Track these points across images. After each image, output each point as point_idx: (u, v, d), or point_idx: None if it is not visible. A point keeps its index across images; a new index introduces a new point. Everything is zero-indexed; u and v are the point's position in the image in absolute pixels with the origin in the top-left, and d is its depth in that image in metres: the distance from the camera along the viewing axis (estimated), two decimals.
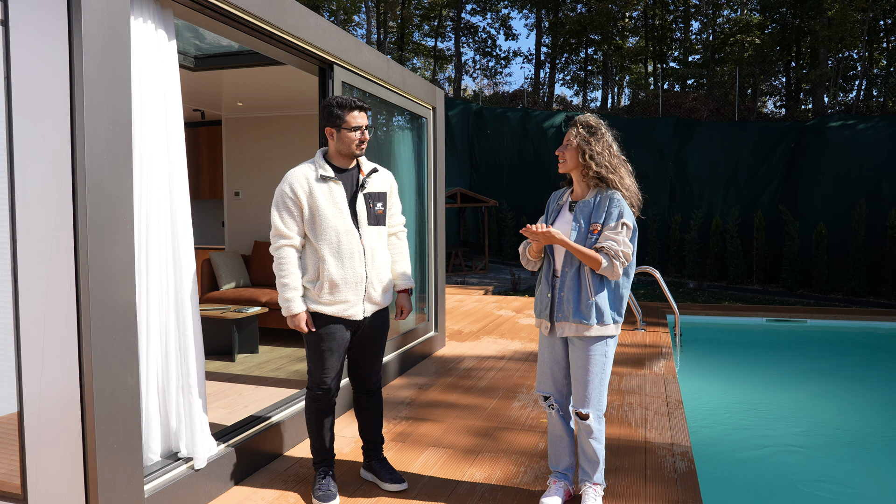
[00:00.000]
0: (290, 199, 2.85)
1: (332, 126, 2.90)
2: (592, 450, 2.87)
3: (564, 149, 2.84)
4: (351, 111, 2.88)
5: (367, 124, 2.93)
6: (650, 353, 6.21)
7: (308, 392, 3.04)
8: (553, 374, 2.94)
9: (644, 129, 16.71)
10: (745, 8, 23.60)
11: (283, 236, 2.87)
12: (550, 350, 2.93)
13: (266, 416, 3.57)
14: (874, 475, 4.24)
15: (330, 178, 2.88)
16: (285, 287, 2.86)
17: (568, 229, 2.79)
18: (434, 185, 6.10)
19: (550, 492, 2.97)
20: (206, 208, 8.18)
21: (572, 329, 2.77)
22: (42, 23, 2.32)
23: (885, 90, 18.12)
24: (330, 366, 2.96)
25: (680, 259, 15.40)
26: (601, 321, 2.73)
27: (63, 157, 2.33)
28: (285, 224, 2.86)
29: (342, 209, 2.88)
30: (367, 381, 3.16)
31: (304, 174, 2.88)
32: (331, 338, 2.93)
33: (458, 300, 9.99)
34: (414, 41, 31.26)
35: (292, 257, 2.87)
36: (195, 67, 5.12)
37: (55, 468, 2.39)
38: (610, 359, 2.81)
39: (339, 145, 2.92)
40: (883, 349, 7.96)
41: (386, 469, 3.18)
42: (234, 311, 5.50)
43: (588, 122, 2.82)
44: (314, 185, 2.86)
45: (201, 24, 3.18)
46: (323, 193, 2.86)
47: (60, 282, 2.35)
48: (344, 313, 2.90)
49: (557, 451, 3.03)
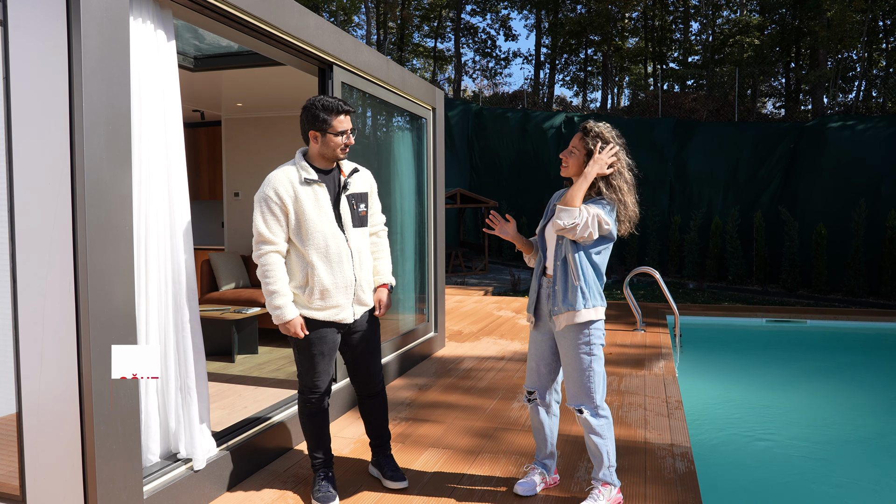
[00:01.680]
0: (276, 205, 2.77)
1: (317, 130, 2.82)
2: (594, 444, 2.88)
3: (569, 155, 2.83)
4: (337, 115, 2.81)
5: (352, 128, 2.88)
6: (650, 354, 6.21)
7: (300, 396, 3.02)
8: (538, 369, 3.02)
9: (644, 129, 16.70)
10: (744, 9, 23.62)
11: (267, 242, 2.79)
12: (536, 345, 3.01)
13: (265, 417, 3.56)
14: (873, 475, 4.24)
15: (314, 181, 2.82)
16: (274, 294, 2.79)
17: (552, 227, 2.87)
18: (434, 185, 6.10)
19: (524, 479, 3.11)
20: (206, 209, 8.18)
21: (566, 318, 2.81)
22: (41, 23, 2.32)
23: (884, 91, 18.14)
24: (321, 369, 2.95)
25: (680, 260, 15.40)
26: (587, 303, 2.77)
27: (62, 157, 2.33)
28: (270, 230, 2.78)
29: (328, 213, 2.83)
30: (369, 384, 3.13)
31: (288, 178, 2.80)
32: (322, 341, 2.91)
33: (457, 301, 9.98)
34: (414, 42, 31.27)
35: (278, 263, 2.81)
36: (195, 68, 5.11)
37: (54, 469, 2.39)
38: (597, 355, 2.83)
39: (324, 149, 2.85)
40: (882, 349, 7.96)
41: (390, 466, 3.19)
42: (234, 312, 5.49)
43: (602, 135, 2.78)
44: (299, 188, 2.79)
45: (200, 25, 3.18)
46: (308, 197, 2.80)
47: (59, 282, 2.34)
48: (335, 317, 2.89)
49: (537, 441, 3.15)
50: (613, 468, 2.93)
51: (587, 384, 2.82)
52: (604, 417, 2.87)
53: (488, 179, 19.81)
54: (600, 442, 2.87)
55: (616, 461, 2.96)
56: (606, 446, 2.88)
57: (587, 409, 2.85)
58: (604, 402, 2.89)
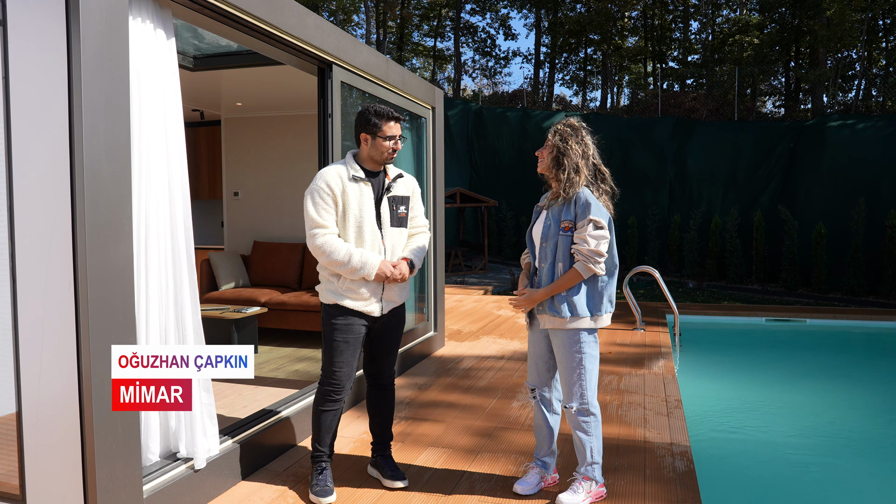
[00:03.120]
0: (327, 194, 2.92)
1: (368, 133, 3.00)
2: (579, 440, 2.95)
3: (543, 148, 2.96)
4: (388, 121, 3.00)
5: (400, 134, 3.04)
6: (649, 353, 6.21)
7: (319, 387, 3.09)
8: (537, 367, 3.07)
9: (643, 128, 16.69)
10: (744, 8, 23.61)
11: (320, 227, 2.92)
12: (534, 343, 3.06)
13: (266, 416, 3.56)
14: (872, 474, 4.24)
15: (361, 178, 2.98)
16: (350, 259, 2.87)
17: (541, 227, 2.94)
18: (433, 184, 6.10)
19: (524, 477, 3.12)
20: (206, 208, 8.18)
21: (549, 322, 2.89)
22: (40, 22, 2.32)
23: (884, 90, 18.14)
24: (343, 359, 3.01)
25: (679, 259, 15.39)
26: (574, 314, 2.83)
27: (62, 156, 2.33)
28: (321, 216, 2.92)
29: (369, 210, 2.98)
30: (380, 374, 3.23)
31: (338, 173, 2.97)
32: (348, 330, 2.99)
33: (457, 300, 9.98)
34: (413, 41, 31.24)
35: (336, 240, 2.91)
36: (194, 67, 5.11)
37: (54, 468, 2.39)
38: (588, 353, 2.88)
39: (373, 151, 3.01)
40: (882, 348, 7.96)
41: (389, 465, 3.23)
42: (234, 312, 5.50)
43: (569, 123, 2.92)
44: (347, 183, 2.95)
45: (200, 24, 3.18)
46: (354, 193, 2.95)
47: (59, 282, 2.34)
48: (363, 308, 2.98)
49: (538, 439, 3.16)
50: (597, 465, 2.97)
51: (576, 381, 2.88)
52: (592, 415, 2.92)
53: (488, 179, 19.80)
54: (585, 439, 2.93)
55: (602, 459, 3.01)
56: (591, 443, 2.93)
57: (575, 405, 2.90)
58: (594, 400, 2.93)
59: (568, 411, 2.93)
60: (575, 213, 2.84)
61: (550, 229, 2.89)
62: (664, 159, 16.32)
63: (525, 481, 3.10)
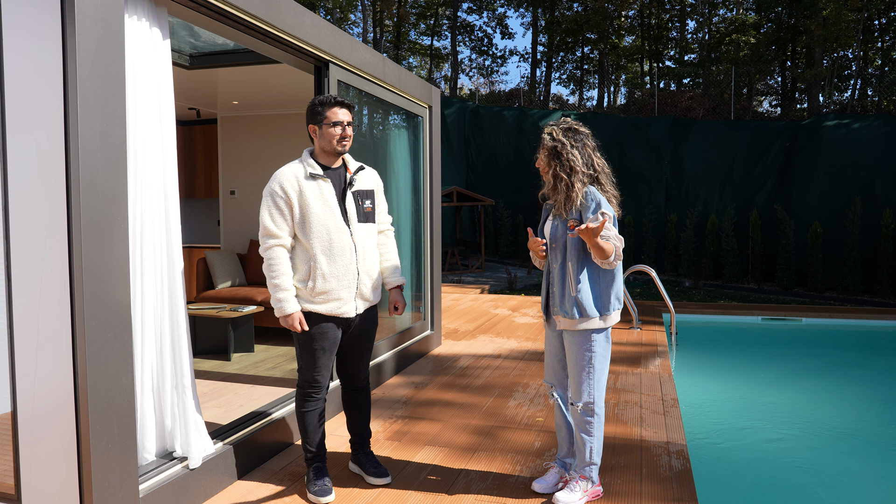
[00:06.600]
0: (281, 199, 2.84)
1: (315, 123, 2.93)
2: (580, 439, 2.96)
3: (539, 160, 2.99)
4: (332, 107, 2.91)
5: (348, 121, 2.93)
6: (646, 352, 6.22)
7: (299, 390, 3.05)
8: (553, 366, 3.10)
9: (640, 127, 16.71)
10: (740, 7, 23.64)
11: (272, 236, 2.86)
12: (550, 342, 3.09)
13: (262, 415, 3.56)
14: (869, 472, 4.26)
15: (319, 175, 2.89)
16: (277, 288, 2.85)
17: (549, 229, 2.97)
18: (430, 183, 6.10)
19: (543, 476, 3.14)
20: (202, 207, 8.16)
21: (563, 323, 2.91)
22: (35, 21, 2.31)
23: (879, 89, 18.20)
24: (322, 364, 2.98)
25: (676, 258, 15.43)
26: (583, 315, 2.84)
27: (57, 155, 2.32)
28: (276, 224, 2.85)
29: (332, 207, 2.89)
30: (355, 378, 3.20)
31: (294, 172, 2.88)
32: (323, 337, 2.94)
33: (454, 299, 9.98)
34: (410, 40, 31.21)
35: (283, 257, 2.86)
36: (190, 66, 5.10)
37: (49, 468, 2.38)
38: (598, 353, 2.89)
39: (322, 142, 2.93)
40: (877, 347, 7.99)
41: (371, 463, 3.22)
42: (230, 311, 5.49)
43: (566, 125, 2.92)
44: (304, 183, 2.86)
45: (196, 23, 3.17)
46: (313, 192, 2.87)
47: (54, 280, 2.34)
48: (336, 311, 2.92)
49: (559, 438, 3.17)
50: (595, 466, 2.98)
51: (584, 379, 2.90)
52: (596, 416, 2.93)
53: (485, 177, 19.81)
54: (587, 439, 2.94)
55: (600, 460, 3.01)
56: (591, 444, 2.94)
57: (581, 403, 2.92)
58: (601, 401, 2.94)
59: (574, 409, 2.95)
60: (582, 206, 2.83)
61: (558, 230, 2.91)
62: (661, 158, 16.35)
63: (544, 479, 3.09)
